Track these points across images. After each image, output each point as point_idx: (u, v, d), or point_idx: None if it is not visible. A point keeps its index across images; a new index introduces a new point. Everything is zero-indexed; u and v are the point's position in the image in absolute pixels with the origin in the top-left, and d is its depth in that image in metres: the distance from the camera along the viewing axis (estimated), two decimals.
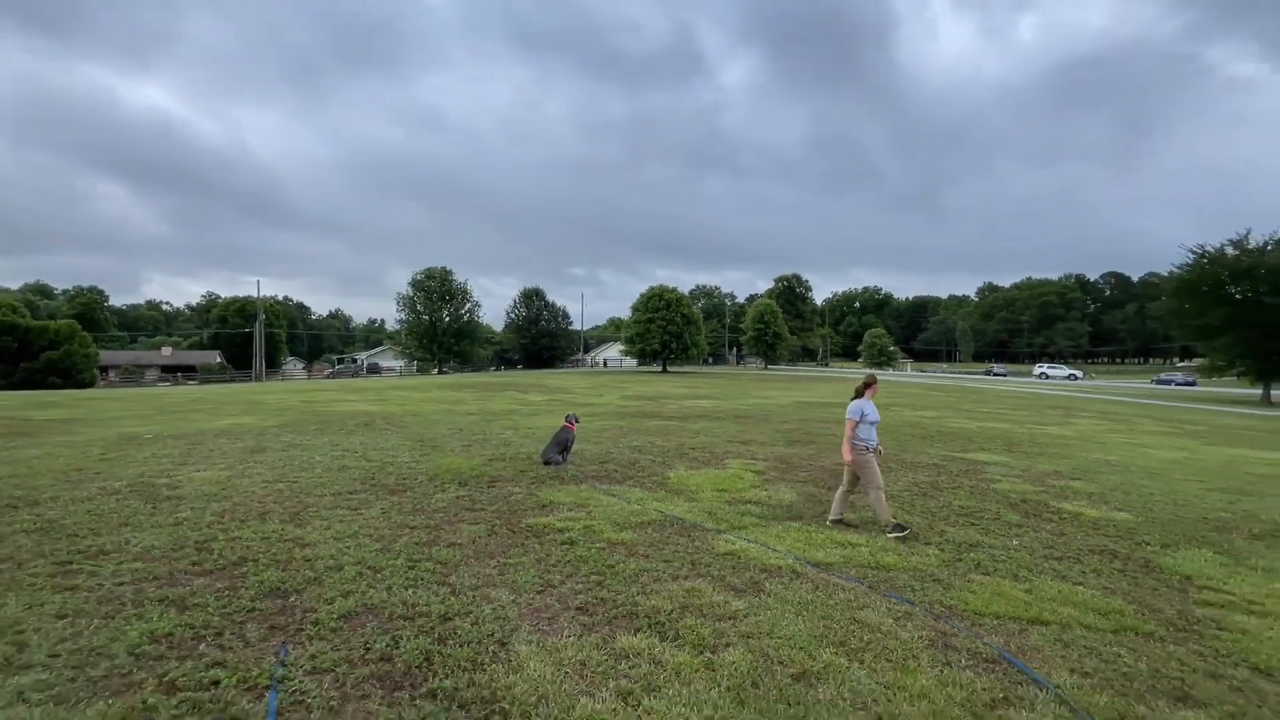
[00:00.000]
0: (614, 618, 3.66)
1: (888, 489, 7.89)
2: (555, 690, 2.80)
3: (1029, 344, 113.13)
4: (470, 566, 4.50)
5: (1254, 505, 7.69)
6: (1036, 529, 6.38)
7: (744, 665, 3.11)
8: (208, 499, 6.12)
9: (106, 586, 3.88)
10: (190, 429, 11.74)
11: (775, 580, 4.48)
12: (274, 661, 3.01)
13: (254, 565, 4.32)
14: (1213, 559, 5.56)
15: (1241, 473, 10.36)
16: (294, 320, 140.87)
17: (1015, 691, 3.01)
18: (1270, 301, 34.49)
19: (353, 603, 3.73)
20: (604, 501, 6.83)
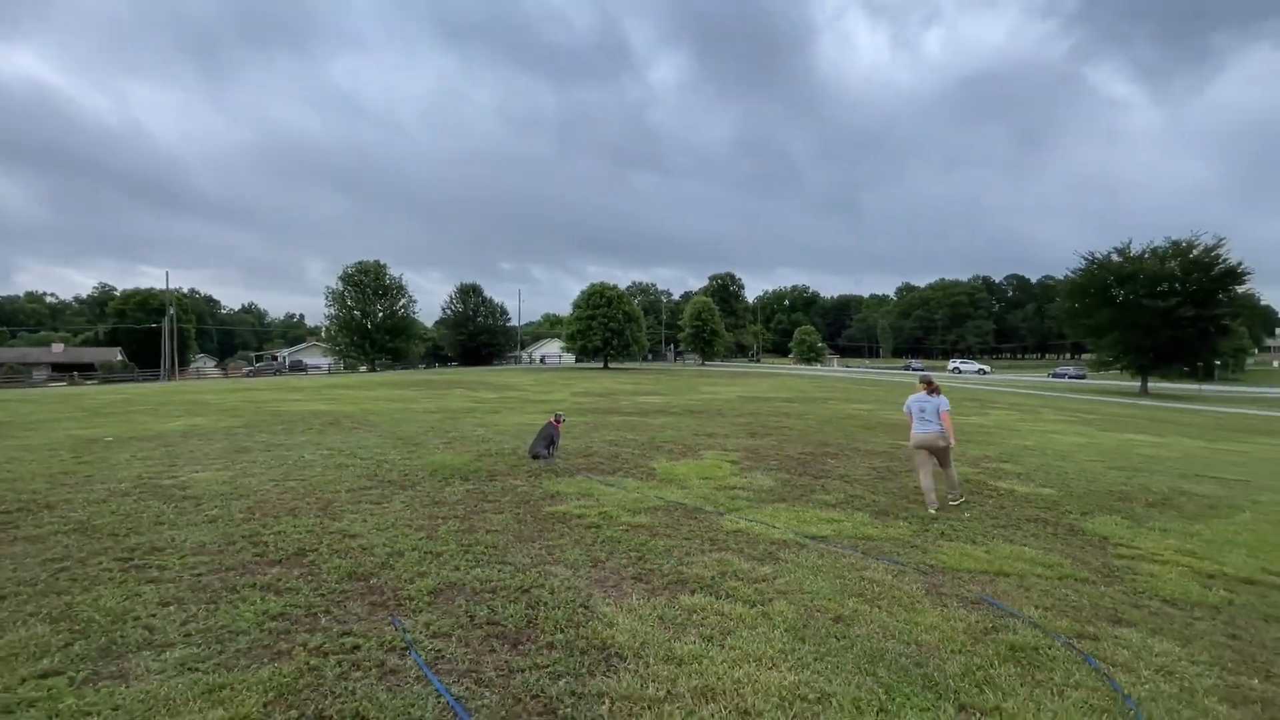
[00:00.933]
0: (668, 584, 4.25)
1: (848, 476, 8.85)
2: (651, 637, 3.37)
3: (942, 341, 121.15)
4: (518, 549, 4.96)
5: (1145, 480, 9.14)
6: (981, 504, 7.44)
7: (791, 613, 3.78)
8: (225, 498, 6.22)
9: (188, 578, 4.10)
10: (145, 431, 11.32)
11: (786, 551, 5.20)
12: (393, 630, 3.41)
13: (317, 555, 4.62)
14: (1121, 523, 6.74)
15: (1132, 454, 12.07)
16: (202, 315, 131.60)
17: (1000, 622, 3.83)
18: (1148, 304, 38.79)
19: (432, 581, 4.14)
20: (605, 491, 7.36)
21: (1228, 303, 38.53)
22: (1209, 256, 38.68)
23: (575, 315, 54.52)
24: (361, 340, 53.92)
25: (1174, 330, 38.31)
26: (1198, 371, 41.34)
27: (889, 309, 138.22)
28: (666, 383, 35.61)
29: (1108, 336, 42.00)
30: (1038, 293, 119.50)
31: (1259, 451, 13.41)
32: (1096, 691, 2.99)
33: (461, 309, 68.88)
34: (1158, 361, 40.53)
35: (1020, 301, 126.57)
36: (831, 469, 9.30)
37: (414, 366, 61.99)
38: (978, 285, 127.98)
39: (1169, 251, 40.39)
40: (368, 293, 55.22)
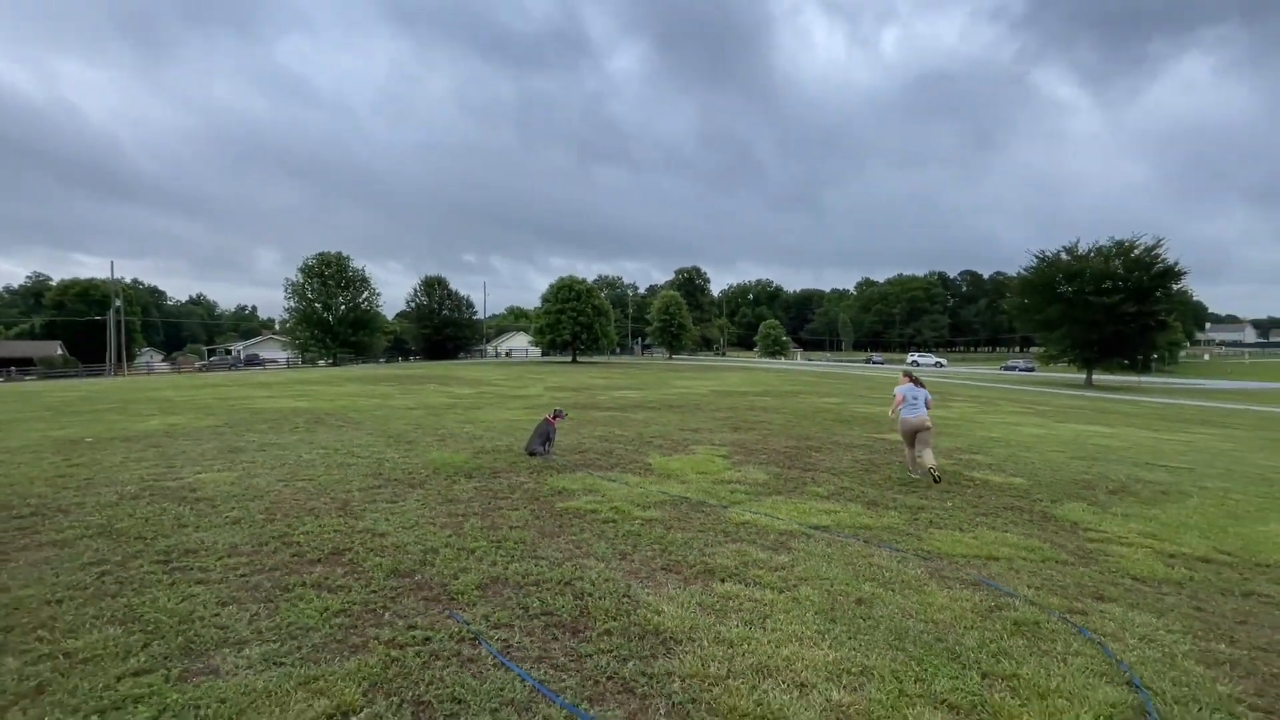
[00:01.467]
0: (698, 574, 4.55)
1: (835, 469, 9.31)
2: (697, 622, 3.67)
3: (900, 334, 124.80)
4: (546, 544, 5.18)
5: (1103, 469, 9.88)
6: (960, 493, 7.96)
7: (816, 598, 4.12)
8: (240, 500, 6.25)
9: (234, 579, 4.20)
10: (124, 432, 11.04)
11: (795, 541, 5.55)
12: (454, 624, 3.62)
13: (354, 554, 4.76)
14: (1087, 509, 7.33)
15: (1088, 444, 12.93)
16: (147, 307, 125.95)
17: (1000, 601, 4.25)
18: (1094, 300, 40.91)
19: (475, 576, 4.34)
20: (609, 487, 7.62)
21: (1166, 299, 40.88)
22: (1149, 256, 41.03)
23: (544, 309, 54.32)
24: (323, 334, 52.63)
25: (1117, 325, 40.55)
26: (1137, 364, 43.78)
27: (849, 303, 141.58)
28: (638, 377, 35.92)
29: (1057, 331, 44.13)
30: (989, 288, 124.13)
31: (1199, 441, 14.49)
32: (1094, 658, 3.42)
33: (426, 302, 67.75)
34: (1102, 355, 42.84)
35: (973, 296, 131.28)
36: (818, 462, 9.75)
37: (375, 360, 60.76)
38: (934, 281, 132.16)
39: (1113, 251, 42.67)
40: (329, 285, 53.88)
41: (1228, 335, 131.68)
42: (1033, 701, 2.91)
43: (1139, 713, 2.88)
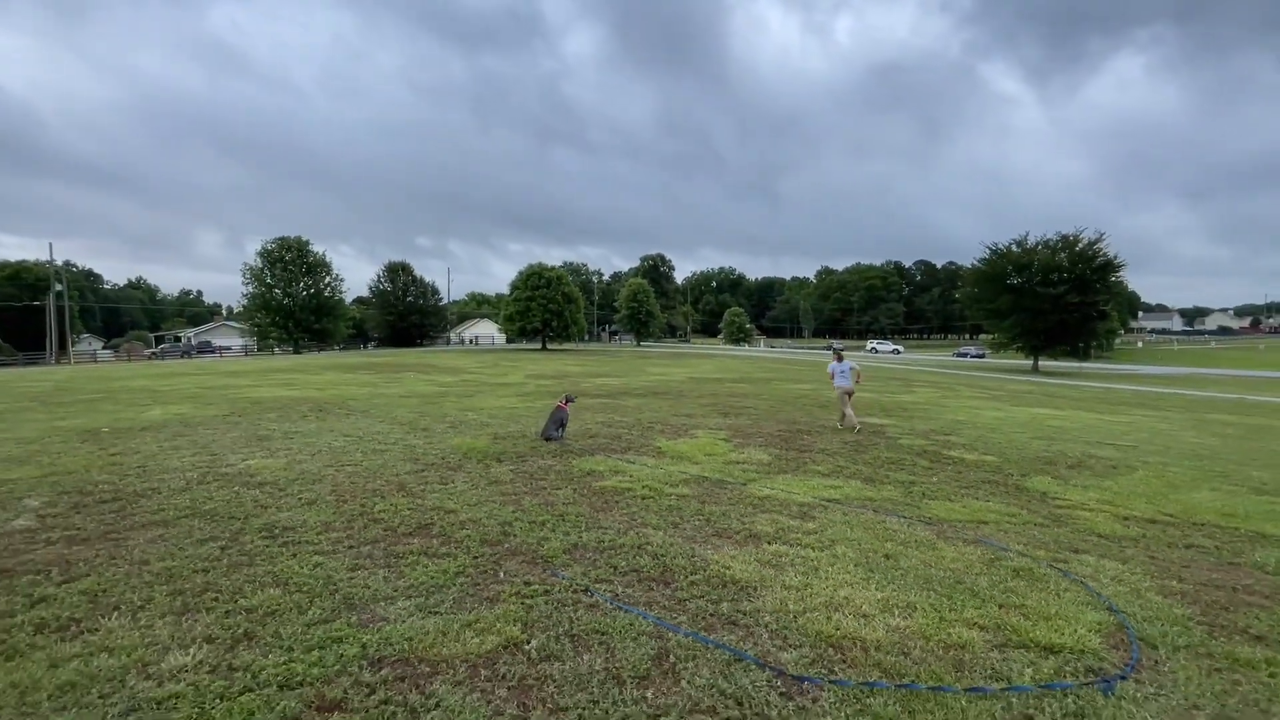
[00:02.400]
0: (746, 538, 5.29)
1: (827, 450, 10.18)
2: (763, 575, 4.40)
3: (858, 321, 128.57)
4: (603, 517, 5.83)
5: (1060, 447, 11.07)
6: (943, 469, 8.94)
7: (852, 554, 4.91)
8: (301, 483, 6.68)
9: (343, 550, 4.72)
10: (135, 422, 11.12)
11: (816, 511, 6.36)
12: (559, 581, 4.25)
13: (439, 528, 5.32)
14: (1051, 482, 8.38)
15: (1044, 425, 14.25)
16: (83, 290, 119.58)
17: (998, 554, 5.12)
18: (1041, 291, 43.41)
19: (557, 544, 4.97)
20: (631, 468, 8.29)
21: (1106, 290, 43.67)
22: (1091, 250, 43.70)
23: (514, 296, 54.20)
24: (284, 320, 51.36)
25: (1062, 315, 43.16)
26: (1080, 352, 46.66)
27: (809, 291, 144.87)
28: (613, 364, 36.52)
29: (1007, 320, 46.66)
30: (942, 277, 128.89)
31: (1139, 422, 16.05)
32: (1080, 593, 4.30)
33: (390, 288, 66.61)
34: (1048, 342, 45.52)
35: (927, 285, 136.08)
36: (810, 444, 10.62)
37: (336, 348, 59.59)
38: (890, 270, 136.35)
39: (1059, 244, 45.24)
40: (290, 270, 52.51)
41: (1157, 323, 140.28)
42: (1040, 623, 3.75)
43: (1119, 628, 3.75)
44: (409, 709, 2.70)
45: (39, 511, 5.39)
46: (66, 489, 6.15)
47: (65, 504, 5.64)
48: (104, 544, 4.67)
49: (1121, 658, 3.37)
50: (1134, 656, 3.36)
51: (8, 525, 4.98)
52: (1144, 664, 3.31)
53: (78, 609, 3.57)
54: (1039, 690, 2.96)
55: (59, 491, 6.05)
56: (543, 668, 3.06)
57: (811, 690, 2.91)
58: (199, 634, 3.32)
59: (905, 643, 3.42)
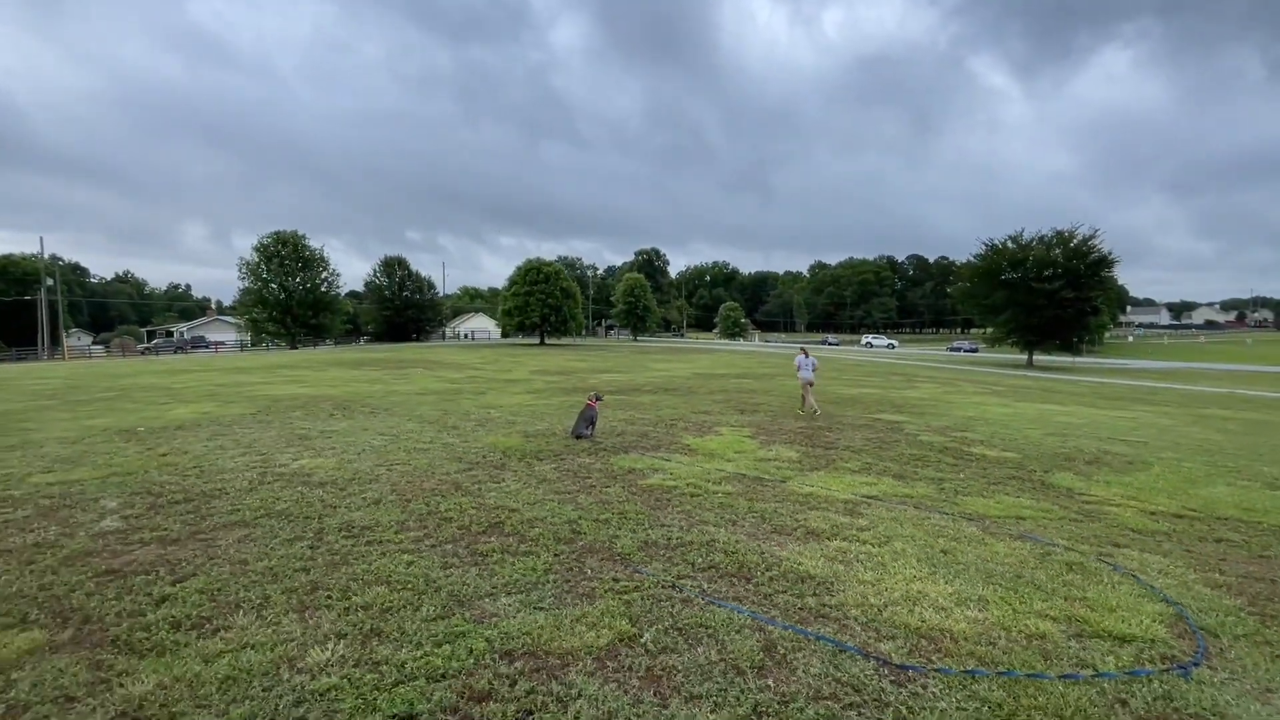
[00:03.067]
0: (805, 535, 5.52)
1: (852, 447, 10.44)
2: (834, 570, 4.63)
3: (851, 316, 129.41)
4: (662, 515, 6.04)
5: (1075, 444, 11.40)
6: (968, 466, 9.22)
7: (911, 550, 5.16)
8: (360, 483, 6.84)
9: (426, 548, 4.90)
10: (165, 421, 11.21)
11: (860, 507, 6.60)
12: (644, 576, 4.46)
13: (510, 526, 5.50)
14: (1074, 478, 8.69)
15: (1053, 422, 14.60)
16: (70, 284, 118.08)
17: (1046, 549, 5.39)
18: (1036, 286, 44.00)
19: (629, 542, 5.18)
20: (669, 466, 8.51)
21: (1100, 286, 44.32)
22: (1086, 245, 44.33)
23: (512, 291, 54.21)
24: (282, 316, 51.12)
25: (1057, 310, 43.80)
26: (1074, 347, 47.35)
27: (803, 285, 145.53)
28: (614, 360, 36.71)
29: (1002, 315, 47.31)
30: (935, 272, 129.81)
31: (1142, 418, 16.46)
32: (1134, 586, 4.56)
33: (386, 282, 66.37)
34: (1042, 337, 46.21)
35: (920, 280, 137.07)
36: (834, 441, 10.88)
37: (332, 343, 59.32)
38: (883, 265, 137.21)
39: (1054, 240, 45.86)
40: (286, 265, 52.21)
41: (1145, 317, 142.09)
42: (1106, 614, 4.00)
43: (1178, 618, 4.01)
44: (555, 698, 2.91)
45: (119, 513, 5.53)
46: (135, 490, 6.28)
47: (141, 505, 5.78)
48: (196, 544, 4.82)
49: (1188, 646, 3.63)
50: (1200, 645, 3.62)
51: (98, 527, 5.12)
52: (1211, 651, 3.57)
53: (202, 607, 3.74)
54: (1125, 676, 3.21)
55: (129, 492, 6.18)
56: (663, 660, 3.27)
57: (918, 678, 3.14)
58: (327, 630, 3.50)
59: (988, 634, 3.66)
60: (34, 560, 4.40)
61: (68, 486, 6.35)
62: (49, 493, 6.12)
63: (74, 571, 4.22)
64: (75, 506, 5.68)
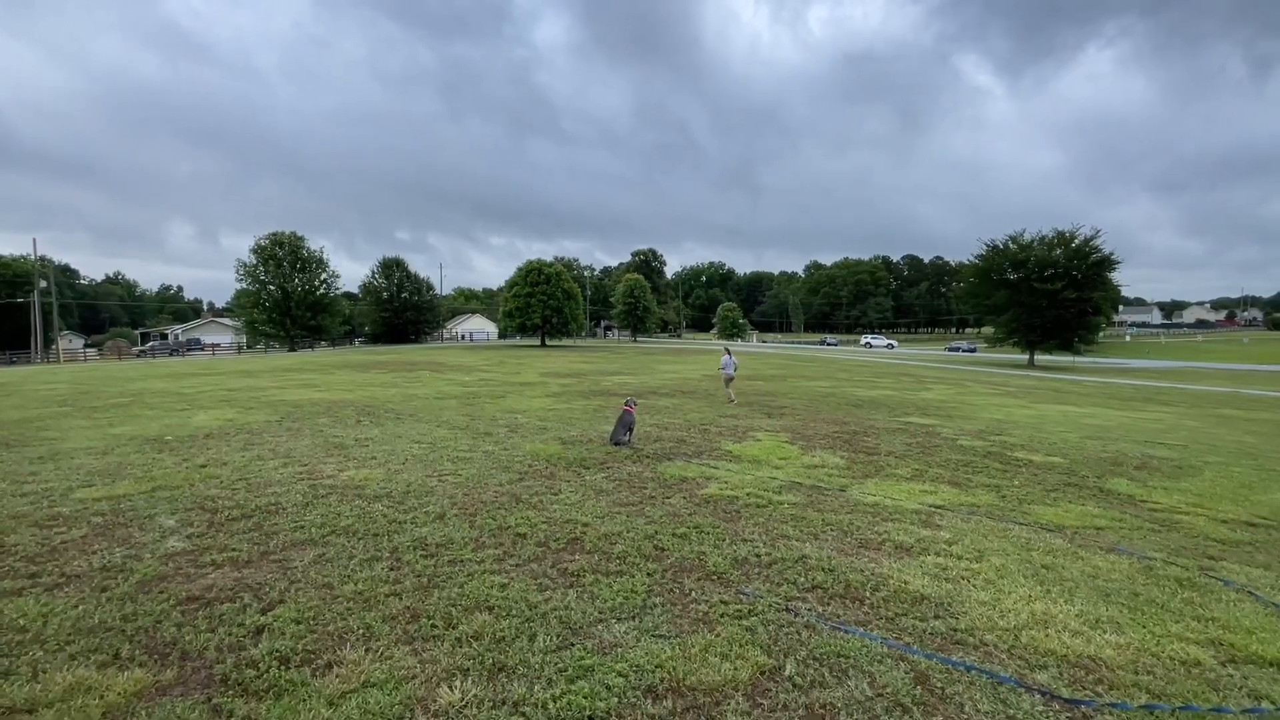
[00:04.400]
0: (894, 549, 5.33)
1: (895, 453, 10.26)
2: (947, 590, 4.44)
3: (847, 316, 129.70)
4: (739, 528, 5.84)
5: (1116, 447, 11.28)
6: (1018, 472, 9.06)
7: (1011, 565, 4.98)
8: (417, 496, 6.59)
9: (510, 568, 4.67)
10: (189, 429, 10.90)
11: (933, 519, 6.42)
12: (746, 594, 4.26)
13: (589, 542, 5.28)
14: (1129, 484, 8.55)
15: (1081, 424, 14.51)
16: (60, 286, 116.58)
17: (1145, 563, 5.22)
18: (1038, 286, 44.13)
19: (719, 558, 4.97)
20: (719, 474, 8.30)
21: (1102, 287, 44.48)
22: (1088, 246, 44.49)
23: (513, 293, 53.91)
24: (281, 317, 50.59)
25: (1059, 310, 43.96)
26: (1075, 347, 47.50)
27: (798, 285, 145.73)
28: (620, 361, 36.48)
29: (1004, 315, 47.45)
30: (930, 272, 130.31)
31: (1166, 419, 16.40)
32: (1256, 604, 4.40)
33: (384, 284, 65.85)
34: (1044, 337, 46.36)
35: (915, 280, 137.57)
36: (874, 446, 10.71)
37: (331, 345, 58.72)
38: (878, 264, 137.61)
39: (1055, 240, 46.02)
40: (284, 266, 51.69)
41: (1136, 316, 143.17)
42: (1247, 637, 3.84)
43: None
44: None
45: (180, 531, 5.26)
46: (187, 505, 6.01)
47: (200, 522, 5.51)
48: (270, 566, 4.58)
49: None
50: None
51: (163, 547, 4.86)
52: None
53: (303, 639, 3.50)
54: None
55: (183, 508, 5.91)
56: (817, 695, 3.07)
57: (1095, 714, 2.96)
58: (446, 665, 3.28)
59: (1139, 661, 3.49)
60: (106, 586, 4.14)
61: (116, 502, 6.07)
62: (99, 509, 5.84)
63: (153, 599, 3.97)
64: (131, 524, 5.40)
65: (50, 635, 3.49)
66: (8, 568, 4.44)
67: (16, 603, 3.88)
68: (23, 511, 5.76)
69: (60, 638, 3.46)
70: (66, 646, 3.38)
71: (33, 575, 4.31)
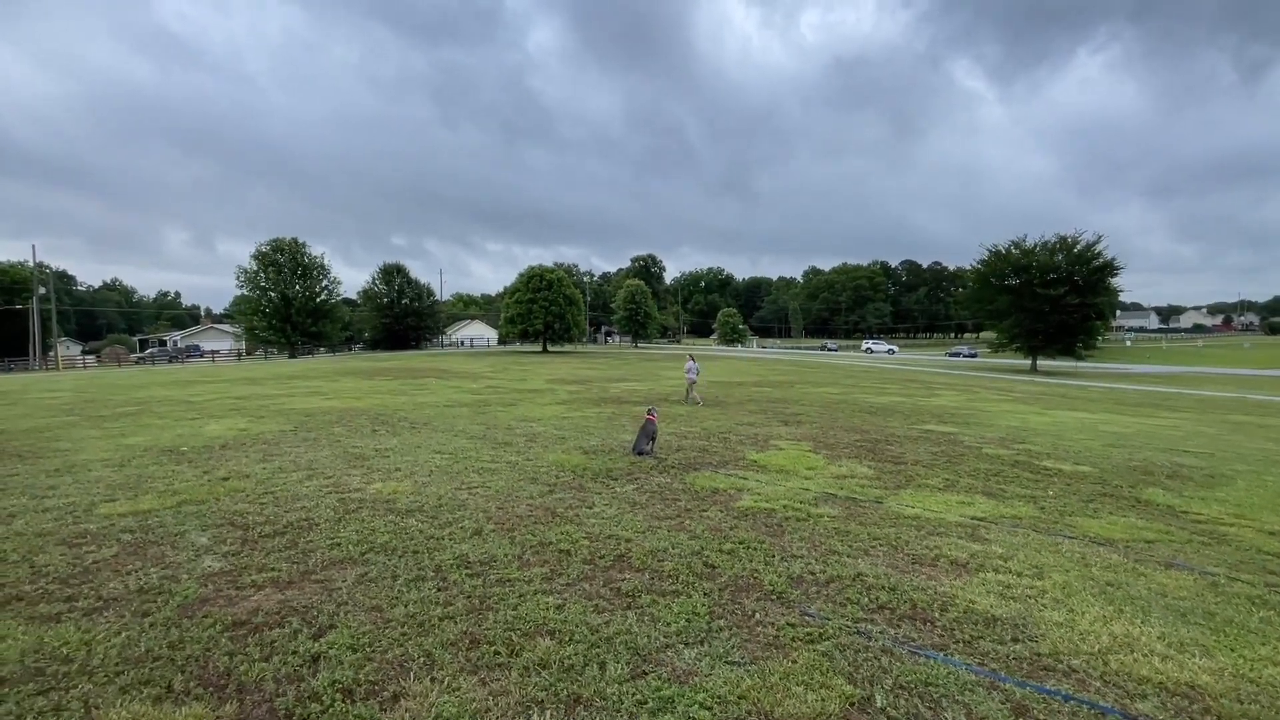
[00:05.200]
0: (950, 566, 5.18)
1: (921, 461, 10.13)
2: (1018, 610, 4.29)
3: (845, 321, 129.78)
4: (783, 543, 5.69)
5: (1141, 456, 11.15)
6: (1050, 482, 8.92)
7: (1075, 583, 4.83)
8: (449, 509, 6.42)
9: (560, 588, 4.51)
10: (203, 440, 10.71)
11: (980, 532, 6.27)
12: (811, 615, 4.10)
13: (636, 559, 5.12)
14: (1165, 494, 8.41)
15: (1101, 431, 14.38)
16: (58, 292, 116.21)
17: (1211, 580, 5.08)
18: (1040, 292, 44.14)
19: (774, 576, 4.81)
20: (749, 485, 8.15)
21: (1105, 292, 44.52)
22: (1090, 252, 44.55)
23: (515, 299, 53.75)
24: (282, 324, 50.34)
25: (1062, 315, 43.97)
26: (1078, 352, 47.47)
27: (797, 291, 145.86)
28: (624, 367, 36.32)
29: (1007, 320, 47.45)
30: (928, 277, 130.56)
31: (1183, 426, 16.30)
32: None
33: (385, 290, 65.64)
34: (1047, 342, 46.36)
35: (913, 285, 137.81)
36: (899, 455, 10.57)
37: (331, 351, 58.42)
38: (876, 270, 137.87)
39: (1057, 245, 46.07)
40: (285, 273, 51.48)
41: (1133, 321, 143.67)
42: None
43: None
44: None
45: (214, 549, 5.08)
46: (217, 521, 5.83)
47: (233, 539, 5.34)
48: (313, 586, 4.41)
49: None
50: None
51: (200, 567, 4.68)
52: None
53: (363, 668, 3.34)
54: None
55: (213, 524, 5.73)
56: None
57: None
58: (518, 697, 3.11)
59: (1239, 689, 3.34)
60: (148, 611, 3.96)
61: (143, 518, 5.89)
62: (126, 525, 5.66)
63: (198, 625, 3.79)
64: (163, 542, 5.23)
65: (97, 666, 3.32)
66: (42, 590, 4.26)
67: (56, 630, 3.70)
68: (48, 529, 5.58)
69: (108, 669, 3.29)
70: (116, 678, 3.21)
71: (69, 599, 4.14)
